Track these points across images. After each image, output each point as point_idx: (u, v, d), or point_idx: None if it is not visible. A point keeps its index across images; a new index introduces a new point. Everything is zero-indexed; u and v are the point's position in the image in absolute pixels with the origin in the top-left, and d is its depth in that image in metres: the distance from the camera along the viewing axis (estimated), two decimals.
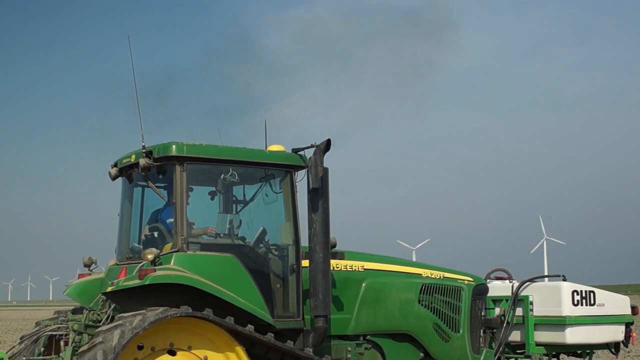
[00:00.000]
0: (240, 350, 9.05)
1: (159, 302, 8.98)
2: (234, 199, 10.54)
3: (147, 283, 8.74)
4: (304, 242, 10.09)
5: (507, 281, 13.13)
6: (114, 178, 10.40)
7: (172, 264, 9.11)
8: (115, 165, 10.37)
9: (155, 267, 8.96)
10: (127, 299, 9.21)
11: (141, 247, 10.18)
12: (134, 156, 9.92)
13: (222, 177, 10.01)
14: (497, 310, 12.63)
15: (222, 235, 10.08)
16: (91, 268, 10.53)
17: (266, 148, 10.40)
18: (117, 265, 10.18)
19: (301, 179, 10.16)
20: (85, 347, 8.56)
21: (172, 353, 8.92)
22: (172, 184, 9.56)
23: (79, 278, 10.43)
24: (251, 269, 9.56)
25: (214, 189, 10.41)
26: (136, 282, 8.83)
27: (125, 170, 10.24)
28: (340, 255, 10.44)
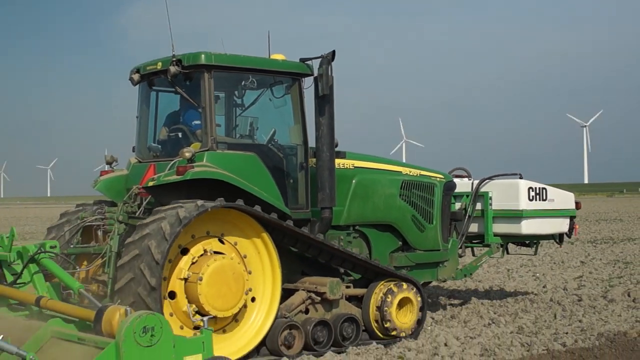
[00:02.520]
0: (265, 236, 10.17)
1: (189, 195, 9.91)
2: (242, 103, 11.52)
3: (188, 178, 9.67)
4: (311, 142, 11.20)
5: (467, 179, 14.59)
6: (136, 83, 11.15)
7: (204, 161, 10.03)
8: (138, 71, 11.11)
9: (194, 164, 9.94)
10: (161, 192, 10.11)
11: (159, 147, 11.10)
12: (160, 64, 10.66)
13: (242, 83, 10.97)
14: (458, 205, 14.09)
15: (243, 135, 11.14)
16: (112, 165, 11.42)
17: (269, 57, 11.37)
18: (140, 163, 11.08)
19: (309, 87, 11.17)
20: (133, 238, 9.34)
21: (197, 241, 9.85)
22: (200, 89, 10.34)
23: (102, 175, 11.30)
24: (268, 166, 10.59)
25: (217, 94, 11.35)
26: (177, 177, 9.71)
27: (148, 76, 11.04)
28: (342, 155, 11.54)
